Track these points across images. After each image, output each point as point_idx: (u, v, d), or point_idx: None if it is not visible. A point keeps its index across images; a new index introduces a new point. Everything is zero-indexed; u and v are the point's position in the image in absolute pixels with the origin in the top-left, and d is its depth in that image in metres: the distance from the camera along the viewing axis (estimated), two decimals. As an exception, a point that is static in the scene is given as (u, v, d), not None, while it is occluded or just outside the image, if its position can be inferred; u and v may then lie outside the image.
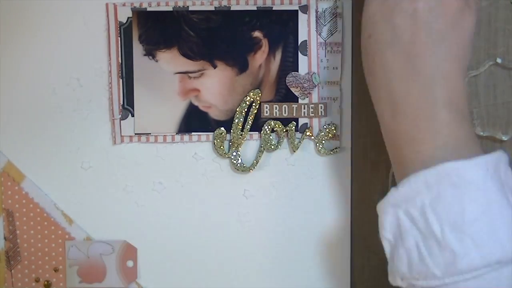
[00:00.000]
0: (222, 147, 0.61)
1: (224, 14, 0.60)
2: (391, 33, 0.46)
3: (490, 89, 0.62)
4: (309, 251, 0.63)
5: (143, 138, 0.61)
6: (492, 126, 0.62)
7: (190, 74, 0.60)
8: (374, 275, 0.64)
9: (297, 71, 0.60)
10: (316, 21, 0.60)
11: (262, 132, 0.61)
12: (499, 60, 0.61)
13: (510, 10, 0.61)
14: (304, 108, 0.61)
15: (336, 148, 0.61)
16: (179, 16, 0.59)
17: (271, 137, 0.61)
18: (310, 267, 0.63)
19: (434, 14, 0.45)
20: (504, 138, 0.62)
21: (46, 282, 0.63)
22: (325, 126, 0.61)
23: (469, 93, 0.61)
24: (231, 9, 0.60)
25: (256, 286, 0.63)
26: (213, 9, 0.60)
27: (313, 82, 0.60)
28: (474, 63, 0.61)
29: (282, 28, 0.60)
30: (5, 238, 0.62)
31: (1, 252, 0.62)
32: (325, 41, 0.60)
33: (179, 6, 0.60)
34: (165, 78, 0.60)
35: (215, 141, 0.61)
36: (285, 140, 0.61)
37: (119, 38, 0.60)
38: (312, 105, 0.61)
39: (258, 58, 0.60)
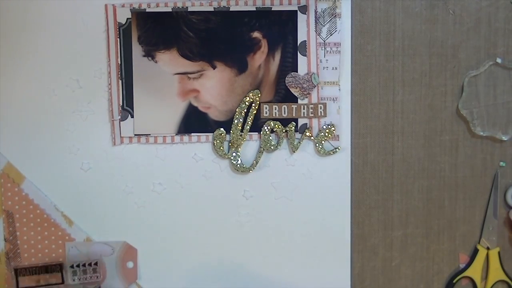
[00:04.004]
0: (221, 148, 0.61)
1: (223, 14, 0.60)
2: None
3: (490, 89, 0.62)
4: (309, 251, 0.63)
5: (143, 139, 0.61)
6: (492, 126, 0.62)
7: (189, 75, 0.60)
8: (374, 275, 0.64)
9: (297, 72, 0.60)
10: (315, 22, 0.60)
11: (261, 133, 0.61)
12: (499, 60, 0.61)
13: (510, 10, 0.61)
14: (304, 109, 0.61)
15: (335, 148, 0.61)
16: (178, 17, 0.59)
17: (270, 138, 0.61)
18: (310, 267, 0.63)
19: None
20: (504, 138, 0.62)
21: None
22: (324, 127, 0.61)
23: (469, 93, 0.61)
24: (230, 9, 0.60)
25: (256, 286, 0.63)
26: (212, 9, 0.60)
27: (312, 83, 0.60)
28: (474, 63, 0.61)
29: (281, 28, 0.60)
30: (5, 239, 0.62)
31: (2, 253, 0.62)
32: (324, 41, 0.60)
33: (178, 7, 0.59)
34: (165, 79, 0.60)
35: (215, 142, 0.61)
36: (284, 140, 0.61)
37: (118, 39, 0.60)
38: (312, 106, 0.61)
39: (258, 59, 0.60)
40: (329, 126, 0.61)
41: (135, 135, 0.61)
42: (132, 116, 0.61)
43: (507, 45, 0.61)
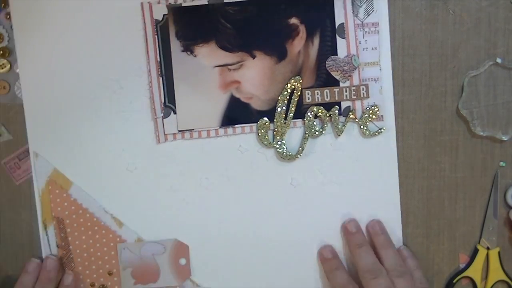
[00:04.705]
0: (266, 137, 0.61)
1: (259, 3, 0.59)
2: None
3: (490, 89, 0.61)
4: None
5: (187, 134, 0.61)
6: (492, 126, 0.61)
7: (229, 67, 0.60)
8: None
9: (336, 55, 0.60)
10: (352, 3, 0.60)
11: (305, 119, 0.61)
12: (499, 60, 0.61)
13: (510, 10, 0.61)
14: (346, 91, 0.61)
15: (380, 129, 0.61)
16: (215, 9, 0.59)
17: (314, 123, 0.61)
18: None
19: None
20: (504, 138, 0.61)
21: (101, 286, 0.62)
22: (368, 108, 0.61)
23: (469, 93, 0.61)
24: (266, -2, 0.59)
25: (311, 275, 0.63)
26: (248, -1, 0.59)
27: (353, 65, 0.60)
28: (474, 63, 0.61)
29: (318, 12, 0.60)
30: (57, 245, 0.62)
31: (54, 260, 0.62)
32: (362, 22, 0.60)
33: None
34: (205, 72, 0.60)
35: (259, 132, 0.61)
36: (329, 125, 0.61)
37: (156, 36, 0.60)
38: (354, 88, 0.60)
39: (297, 45, 0.60)
40: (373, 107, 0.61)
41: (179, 131, 0.61)
42: (175, 113, 0.61)
43: (507, 45, 0.61)
